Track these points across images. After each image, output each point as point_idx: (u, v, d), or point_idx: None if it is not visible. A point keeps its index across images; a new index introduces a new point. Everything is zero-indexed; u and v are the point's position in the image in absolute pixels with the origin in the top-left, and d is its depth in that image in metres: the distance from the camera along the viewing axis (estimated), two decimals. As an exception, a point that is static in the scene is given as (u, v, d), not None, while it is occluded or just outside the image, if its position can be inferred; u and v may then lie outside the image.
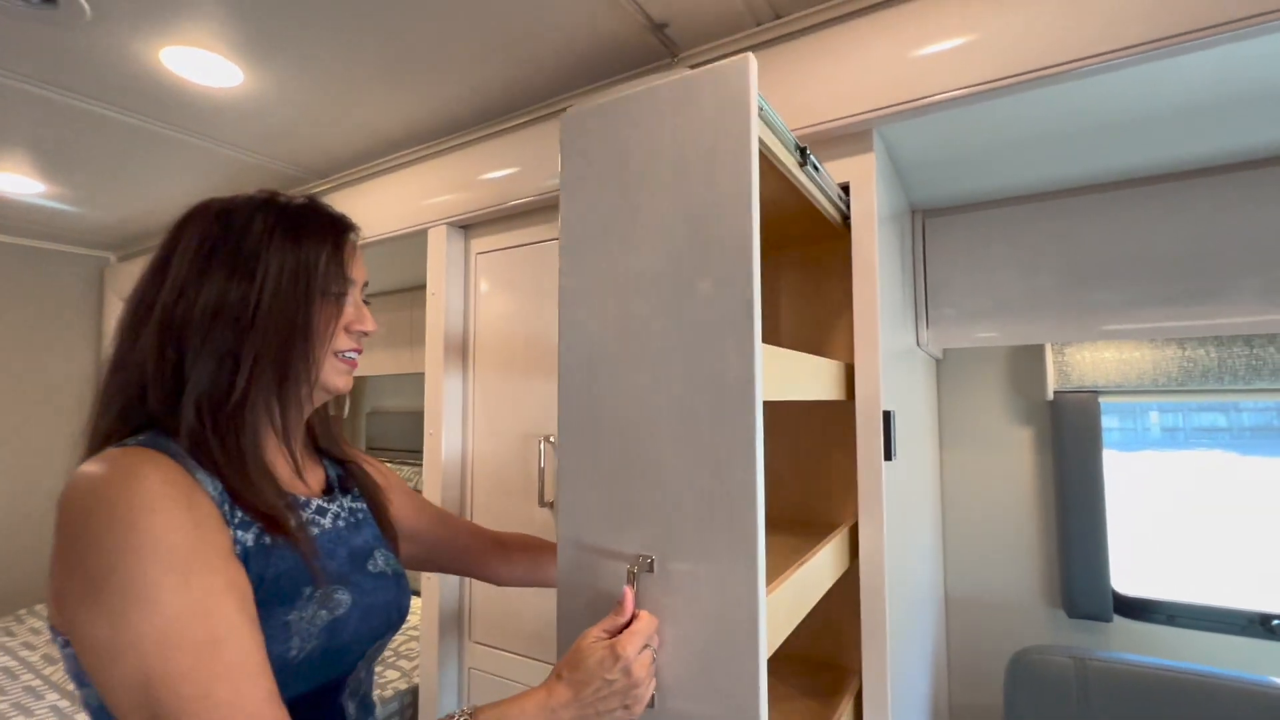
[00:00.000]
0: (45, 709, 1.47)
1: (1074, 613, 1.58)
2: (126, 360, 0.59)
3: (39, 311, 2.57)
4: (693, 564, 0.62)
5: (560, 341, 0.71)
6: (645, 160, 0.68)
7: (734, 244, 0.62)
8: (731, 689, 0.59)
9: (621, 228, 0.69)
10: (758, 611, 0.57)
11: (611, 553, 0.65)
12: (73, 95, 1.33)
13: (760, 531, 0.59)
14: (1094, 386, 1.59)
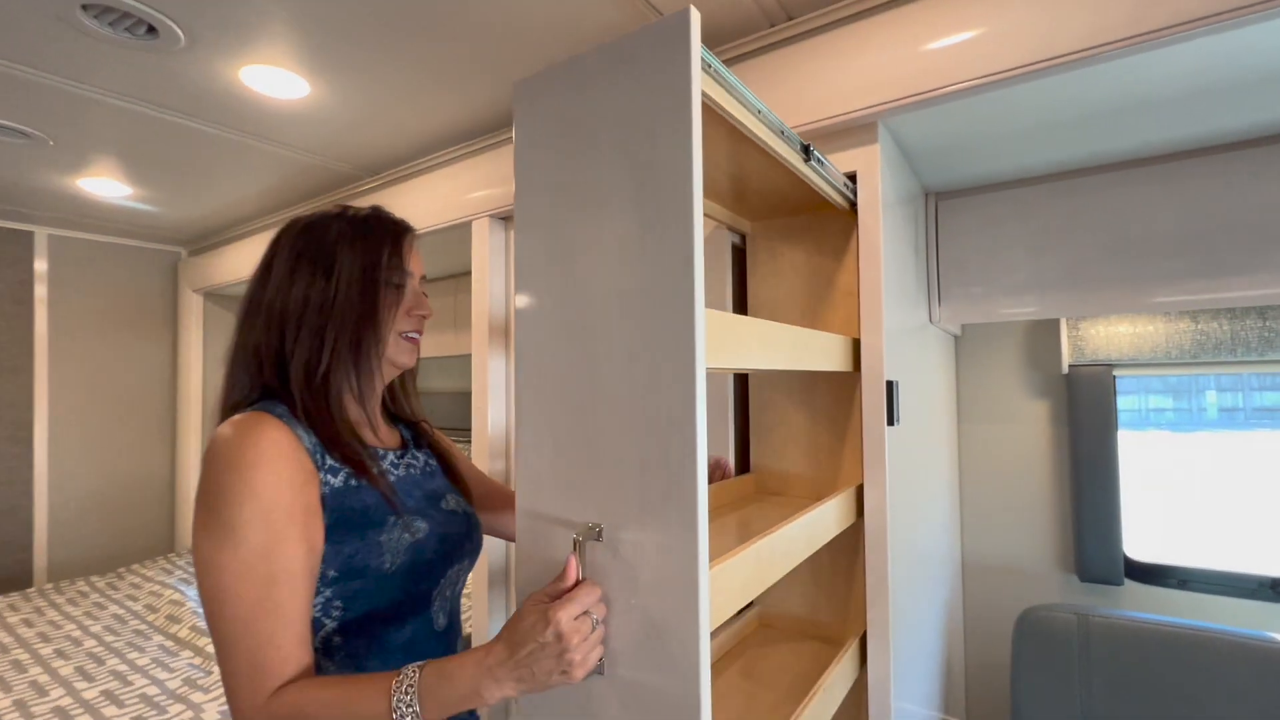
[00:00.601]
0: (155, 648, 1.70)
1: (1085, 576, 1.66)
2: (245, 345, 0.75)
3: (120, 301, 2.83)
4: (638, 533, 0.63)
5: (516, 312, 0.73)
6: (591, 122, 0.67)
7: (675, 204, 0.61)
8: (675, 658, 0.61)
9: (569, 194, 0.69)
10: (698, 582, 0.59)
11: (564, 521, 0.68)
12: (163, 110, 1.51)
13: (701, 502, 0.60)
14: (1108, 360, 1.64)
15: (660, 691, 0.63)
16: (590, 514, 0.67)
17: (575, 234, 0.69)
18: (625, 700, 0.65)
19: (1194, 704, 1.24)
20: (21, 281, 2.56)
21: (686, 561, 0.61)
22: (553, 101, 0.71)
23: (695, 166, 0.61)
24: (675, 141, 0.62)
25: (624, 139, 0.66)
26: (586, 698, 0.68)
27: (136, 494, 2.84)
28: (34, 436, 2.57)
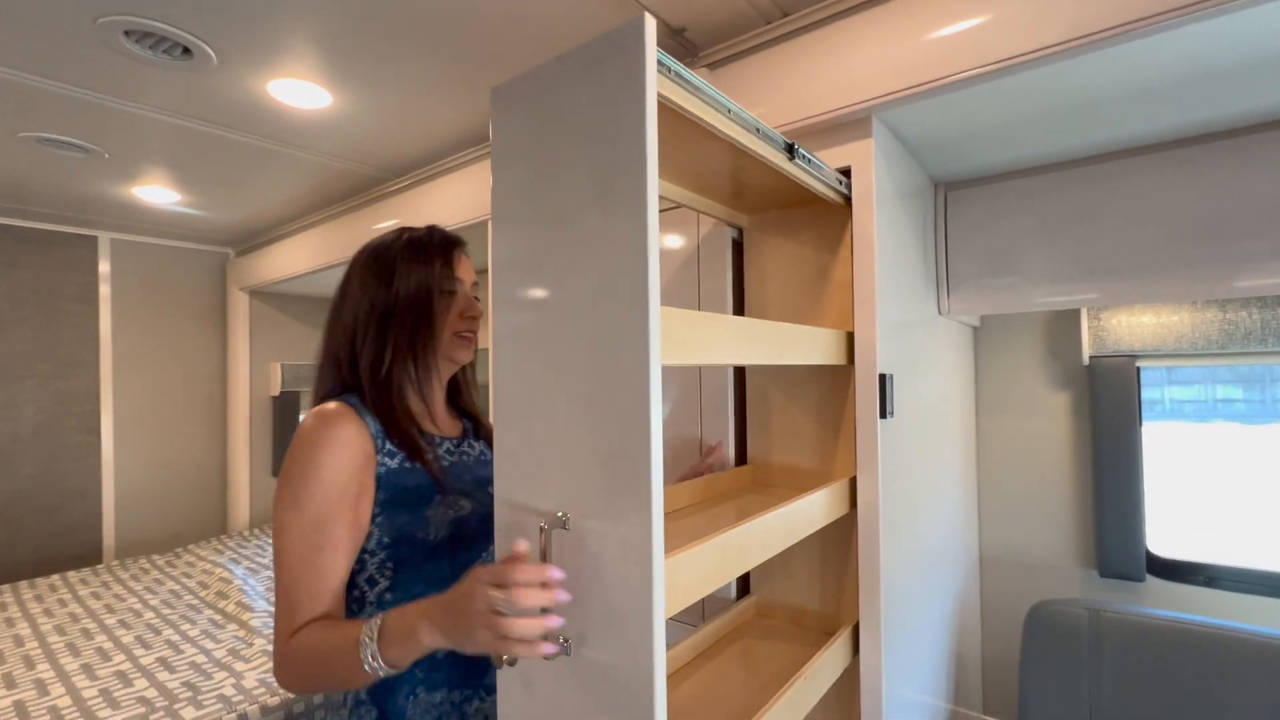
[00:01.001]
0: (204, 620, 1.84)
1: (1106, 572, 1.62)
2: (328, 349, 0.90)
3: (175, 299, 3.03)
4: (600, 523, 0.66)
5: (493, 310, 0.76)
6: (557, 127, 0.70)
7: (631, 205, 0.64)
8: (633, 642, 0.64)
9: (539, 195, 0.72)
10: (652, 569, 0.62)
11: (535, 510, 0.71)
12: (202, 123, 1.62)
13: (656, 493, 0.62)
14: (1130, 351, 1.59)
15: (619, 672, 0.66)
16: (558, 504, 0.70)
17: (544, 236, 0.72)
18: (588, 679, 0.69)
19: (1207, 703, 1.21)
20: (87, 283, 2.77)
21: (642, 550, 0.64)
22: (524, 108, 0.74)
23: (650, 169, 0.64)
24: (631, 145, 0.65)
25: (586, 142, 0.68)
26: (556, 675, 0.72)
27: (192, 480, 3.04)
28: (101, 426, 2.79)
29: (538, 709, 0.73)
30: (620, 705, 0.66)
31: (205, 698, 1.38)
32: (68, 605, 2.00)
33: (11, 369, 2.58)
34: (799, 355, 1.00)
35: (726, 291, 1.33)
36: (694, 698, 1.05)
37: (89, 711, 1.34)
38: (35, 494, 2.60)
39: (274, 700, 1.37)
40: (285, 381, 3.11)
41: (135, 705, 1.36)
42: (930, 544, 1.39)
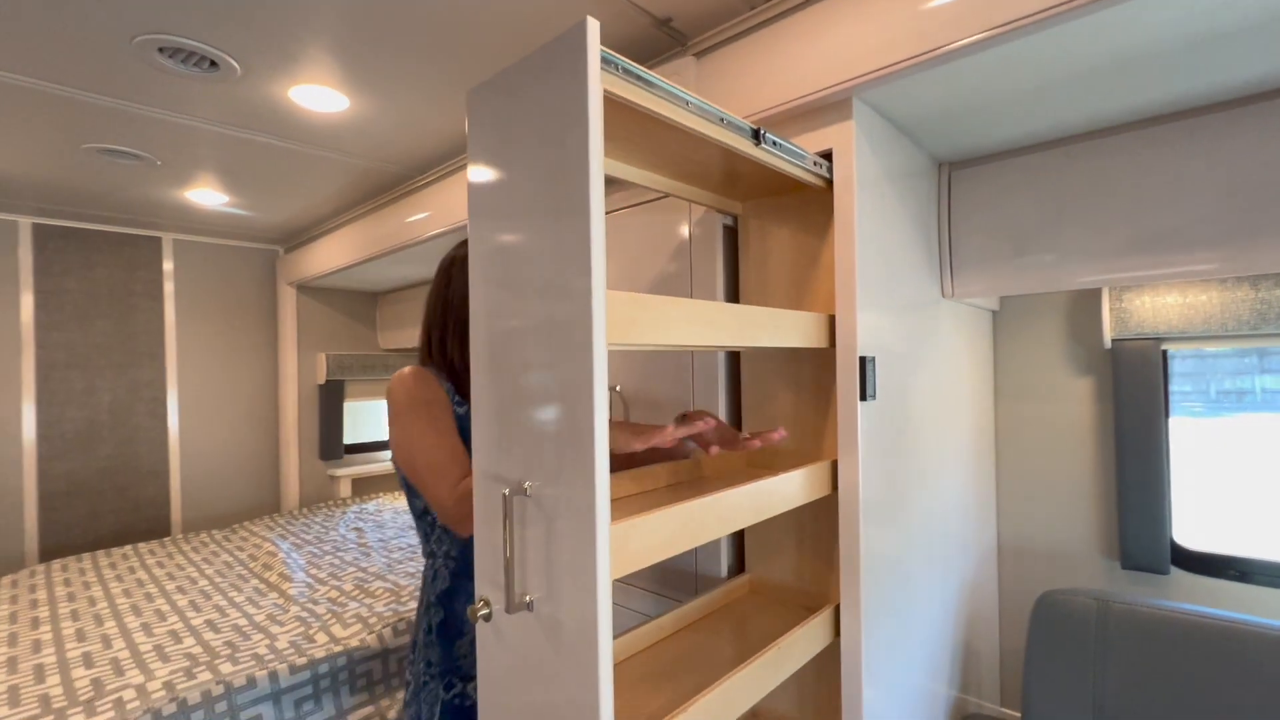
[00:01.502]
0: (250, 589, 2.01)
1: (1128, 564, 1.57)
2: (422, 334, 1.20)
3: (230, 294, 3.25)
4: (554, 489, 0.73)
5: (471, 296, 0.84)
6: (519, 128, 0.75)
7: (577, 200, 0.69)
8: (581, 601, 0.70)
9: (505, 191, 0.78)
10: (595, 534, 0.68)
11: (503, 479, 0.78)
12: (235, 129, 1.75)
13: (600, 465, 0.68)
14: (1155, 333, 1.52)
15: (571, 625, 0.72)
16: (522, 473, 0.77)
17: (509, 228, 0.78)
18: (547, 631, 0.75)
19: (1220, 701, 1.16)
20: (154, 280, 3.02)
21: (587, 515, 0.70)
22: (492, 109, 0.81)
23: (594, 163, 0.68)
24: (577, 140, 0.70)
25: (540, 139, 0.74)
26: (522, 627, 0.79)
27: (248, 462, 3.28)
28: (168, 412, 3.04)
29: (508, 656, 0.81)
30: (572, 654, 0.72)
31: (241, 655, 1.52)
32: (135, 572, 2.21)
33: (91, 360, 2.84)
34: (770, 338, 1.01)
35: (717, 277, 1.35)
36: (675, 660, 1.09)
37: (143, 664, 1.49)
38: (113, 473, 2.86)
39: (301, 660, 1.49)
40: (330, 370, 3.30)
41: (181, 659, 1.51)
42: (929, 529, 1.38)
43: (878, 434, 1.18)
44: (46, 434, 2.71)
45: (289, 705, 1.44)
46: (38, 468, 2.69)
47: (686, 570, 1.42)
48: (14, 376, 2.66)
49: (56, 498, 2.72)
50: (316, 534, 2.63)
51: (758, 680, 0.97)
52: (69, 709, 1.30)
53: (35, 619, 1.80)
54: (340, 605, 1.83)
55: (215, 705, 1.35)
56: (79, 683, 1.41)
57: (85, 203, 2.51)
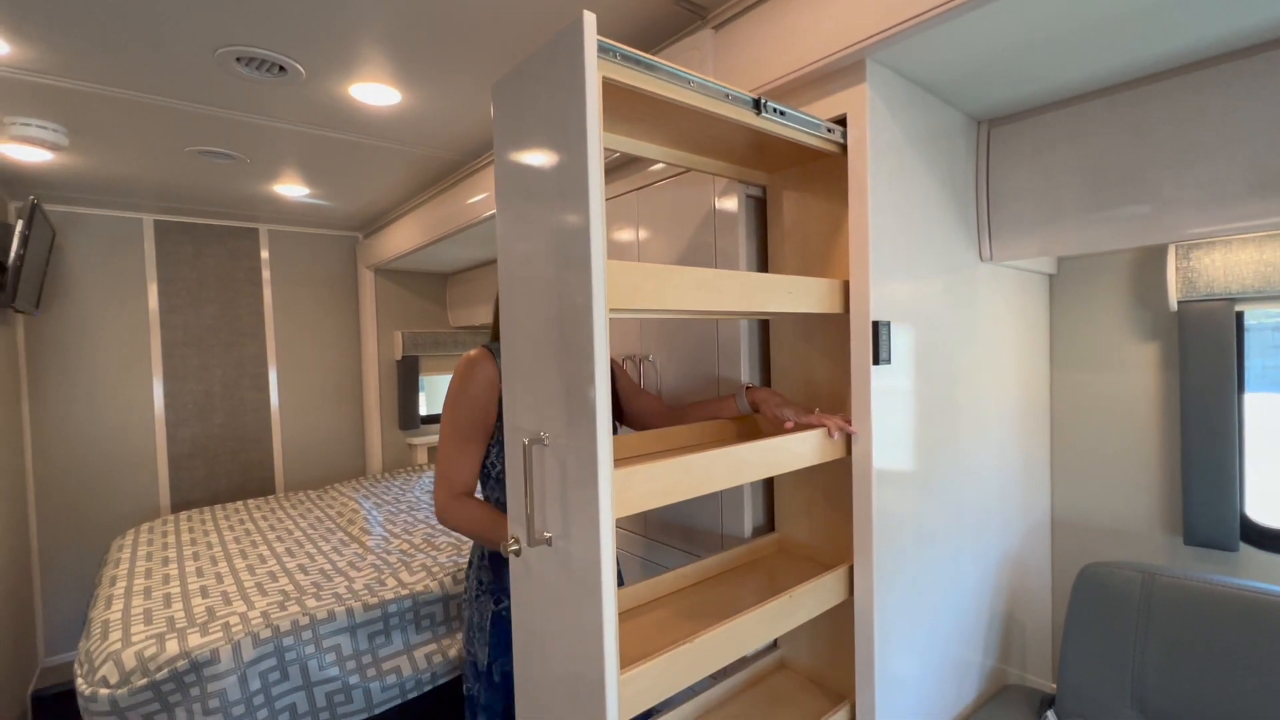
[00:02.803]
0: (335, 540, 2.26)
1: (1192, 540, 1.48)
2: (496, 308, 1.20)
3: (317, 279, 3.56)
4: (565, 440, 0.82)
5: (499, 278, 0.95)
6: (533, 114, 0.83)
7: (578, 179, 0.76)
8: (588, 537, 0.79)
9: (523, 177, 0.86)
10: (598, 479, 0.76)
11: (527, 432, 0.88)
12: (307, 126, 1.93)
13: (603, 417, 0.76)
14: (1226, 294, 1.41)
15: (581, 558, 0.82)
16: (539, 425, 0.88)
17: (528, 208, 0.88)
18: (565, 563, 0.85)
19: (1270, 679, 1.10)
20: (253, 267, 3.36)
21: (590, 463, 0.79)
22: (511, 101, 0.90)
23: (592, 146, 0.76)
24: (578, 124, 0.77)
25: (551, 124, 0.82)
26: (543, 561, 0.89)
27: (337, 432, 3.61)
28: (269, 385, 3.39)
29: (534, 585, 0.93)
30: (581, 584, 0.82)
31: (324, 594, 1.74)
32: (245, 523, 2.53)
33: (204, 340, 3.22)
34: (779, 304, 1.04)
35: (739, 247, 1.38)
36: (695, 606, 1.16)
37: (246, 597, 1.74)
38: (225, 439, 3.25)
39: (373, 600, 1.69)
40: (406, 347, 3.56)
41: (276, 594, 1.75)
42: (961, 497, 1.37)
43: (897, 398, 1.18)
44: (171, 404, 3.11)
45: (363, 638, 1.64)
46: (166, 433, 3.10)
47: (713, 530, 1.48)
48: (145, 355, 3.06)
49: (182, 459, 3.13)
50: (394, 495, 2.89)
51: (767, 623, 1.03)
52: (188, 629, 1.54)
53: (165, 558, 2.11)
54: (409, 556, 2.03)
55: (302, 633, 1.56)
56: (196, 609, 1.67)
57: (193, 199, 2.83)
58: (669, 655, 0.89)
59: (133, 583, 1.88)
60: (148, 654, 1.43)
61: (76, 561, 2.85)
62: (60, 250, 2.84)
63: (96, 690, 1.39)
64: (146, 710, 1.39)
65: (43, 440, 2.80)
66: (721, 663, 0.97)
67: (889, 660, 1.17)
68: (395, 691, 1.64)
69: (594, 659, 0.81)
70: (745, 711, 1.26)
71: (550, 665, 0.90)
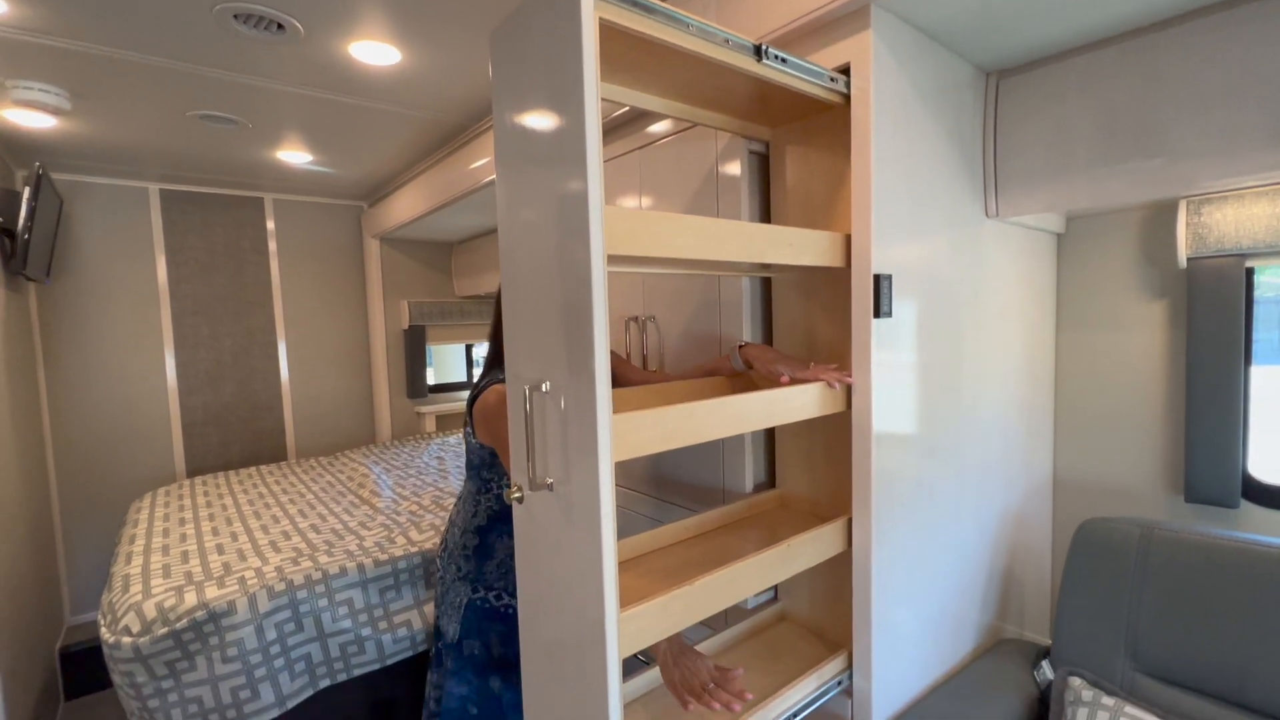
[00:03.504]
0: (346, 503, 2.31)
1: (1192, 497, 1.49)
2: (493, 344, 1.32)
3: (322, 248, 3.56)
4: (565, 387, 0.83)
5: (499, 226, 0.94)
6: (532, 61, 0.82)
7: (574, 121, 0.75)
8: (588, 481, 0.80)
9: (522, 123, 0.84)
10: (597, 424, 0.78)
11: (529, 380, 0.89)
12: (306, 88, 1.91)
13: (601, 364, 0.76)
14: (1237, 249, 1.39)
15: (581, 501, 0.83)
16: (541, 374, 0.89)
17: (526, 157, 0.87)
18: (566, 507, 0.87)
19: (1265, 631, 1.12)
20: (259, 237, 3.36)
21: (589, 407, 0.80)
22: (509, 48, 0.88)
23: (589, 86, 0.75)
24: (574, 65, 0.76)
25: (549, 69, 0.81)
26: (546, 505, 0.91)
27: (347, 400, 3.66)
28: (279, 354, 3.43)
29: (538, 529, 0.95)
30: (583, 524, 0.84)
31: (335, 551, 1.78)
32: (258, 487, 2.59)
33: (213, 309, 3.25)
34: (778, 255, 1.04)
35: (741, 206, 1.37)
36: (696, 556, 1.19)
37: (261, 553, 1.79)
38: (237, 407, 3.30)
39: (384, 557, 1.73)
40: (412, 316, 3.58)
41: (290, 551, 1.79)
42: (961, 453, 1.37)
43: (898, 353, 1.18)
44: (183, 373, 3.16)
45: (374, 592, 1.69)
46: (179, 401, 3.15)
47: (714, 487, 1.50)
48: (156, 324, 3.10)
49: (195, 427, 3.19)
50: (404, 461, 2.94)
51: (766, 570, 1.05)
52: (205, 582, 1.59)
53: (182, 519, 2.17)
54: (418, 516, 2.07)
55: (315, 587, 1.61)
56: (213, 564, 1.72)
57: (197, 167, 2.83)
58: (668, 596, 0.91)
59: (151, 541, 1.94)
60: (167, 605, 1.48)
61: (97, 526, 2.93)
62: (68, 220, 2.86)
63: (120, 639, 1.44)
64: (168, 658, 1.44)
65: (60, 408, 2.85)
66: (720, 606, 0.99)
67: (886, 611, 1.19)
68: (406, 644, 1.69)
69: (595, 598, 0.83)
70: (746, 659, 1.29)
71: (553, 606, 0.93)
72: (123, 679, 1.44)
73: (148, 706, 1.45)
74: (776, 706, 1.09)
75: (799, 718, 1.13)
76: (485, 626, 1.32)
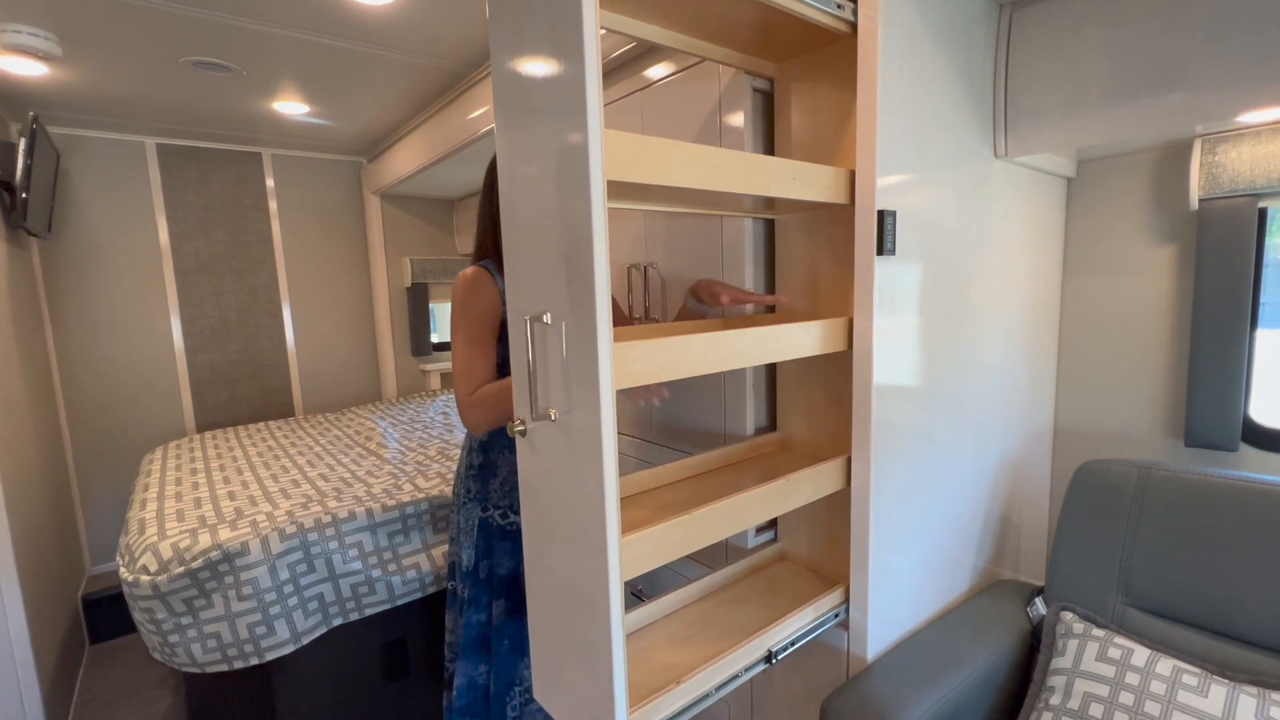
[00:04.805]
0: (353, 455, 2.35)
1: (1192, 441, 1.49)
2: (478, 231, 1.35)
3: (322, 205, 3.53)
4: (566, 317, 0.82)
5: (498, 153, 0.92)
6: (527, 9, 0.82)
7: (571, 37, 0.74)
8: (589, 408, 0.80)
9: (520, 47, 0.84)
10: (598, 353, 0.78)
11: (531, 313, 0.90)
12: (305, 31, 1.87)
13: (602, 291, 0.76)
14: (1251, 189, 1.36)
15: (583, 429, 0.84)
16: (542, 305, 0.88)
17: (523, 82, 0.85)
18: (568, 437, 0.88)
19: (1261, 566, 1.13)
20: (259, 194, 3.33)
21: (590, 336, 0.80)
22: None
23: (585, 26, 0.72)
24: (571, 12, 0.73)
25: (548, 22, 0.78)
26: (549, 436, 0.92)
27: (352, 358, 3.68)
28: (283, 312, 3.44)
29: (540, 460, 0.96)
30: (586, 452, 0.85)
31: (344, 496, 1.82)
32: (267, 441, 2.63)
33: (214, 266, 3.24)
34: (781, 189, 1.03)
35: (744, 139, 1.34)
36: (698, 491, 1.21)
37: (271, 499, 1.83)
38: (243, 364, 3.33)
39: (391, 503, 1.77)
40: (414, 274, 3.57)
41: (299, 497, 1.83)
42: (960, 396, 1.38)
43: (901, 292, 1.18)
44: (189, 330, 3.18)
45: (383, 536, 1.73)
46: (186, 359, 3.17)
47: (715, 431, 1.51)
48: (159, 281, 3.10)
49: (203, 384, 3.22)
50: (410, 416, 2.97)
51: (764, 503, 1.07)
52: (219, 525, 1.63)
53: (194, 469, 2.21)
54: (424, 466, 2.11)
55: (325, 530, 1.65)
56: (225, 509, 1.76)
57: (193, 120, 2.79)
58: (669, 524, 0.93)
59: (164, 489, 1.98)
60: (183, 545, 1.53)
61: (111, 480, 3.00)
62: (66, 174, 2.83)
63: (139, 577, 1.49)
64: (186, 595, 1.49)
65: (68, 365, 2.88)
66: (719, 535, 1.01)
67: (883, 550, 1.22)
68: (415, 585, 1.74)
69: (597, 524, 0.85)
70: (745, 594, 1.32)
71: (557, 536, 0.95)
72: (143, 615, 1.50)
73: (169, 642, 1.50)
74: (774, 635, 1.12)
75: (795, 646, 1.16)
76: (495, 546, 1.36)
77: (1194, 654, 1.16)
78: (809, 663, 1.34)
